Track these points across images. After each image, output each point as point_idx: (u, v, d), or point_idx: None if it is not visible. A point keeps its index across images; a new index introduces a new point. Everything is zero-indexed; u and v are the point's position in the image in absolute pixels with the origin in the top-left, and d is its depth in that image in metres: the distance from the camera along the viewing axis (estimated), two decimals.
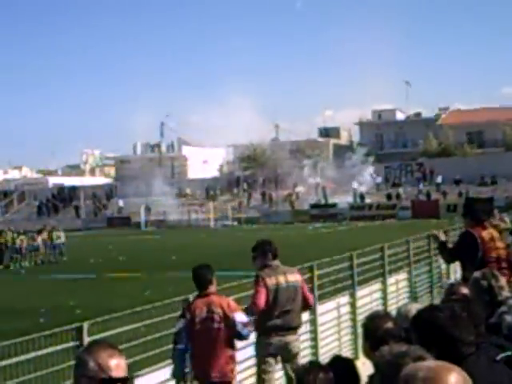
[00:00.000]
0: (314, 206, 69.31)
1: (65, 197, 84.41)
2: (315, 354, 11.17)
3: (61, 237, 39.29)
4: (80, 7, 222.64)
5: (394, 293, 14.87)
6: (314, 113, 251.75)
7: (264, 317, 8.42)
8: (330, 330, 12.00)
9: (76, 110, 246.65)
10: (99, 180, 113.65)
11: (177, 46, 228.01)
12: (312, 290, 10.84)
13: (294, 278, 8.75)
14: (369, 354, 4.10)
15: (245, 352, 8.94)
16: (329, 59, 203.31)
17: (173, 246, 44.98)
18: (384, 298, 14.08)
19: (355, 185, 70.13)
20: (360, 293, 13.07)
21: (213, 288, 7.91)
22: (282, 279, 8.55)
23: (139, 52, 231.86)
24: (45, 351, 6.99)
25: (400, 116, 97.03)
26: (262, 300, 8.37)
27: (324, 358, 10.44)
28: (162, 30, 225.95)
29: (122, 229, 66.24)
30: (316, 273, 11.32)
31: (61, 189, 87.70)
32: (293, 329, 8.75)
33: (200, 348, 7.74)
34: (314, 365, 3.77)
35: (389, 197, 67.98)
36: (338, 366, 3.95)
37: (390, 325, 4.31)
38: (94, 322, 7.41)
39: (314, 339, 11.30)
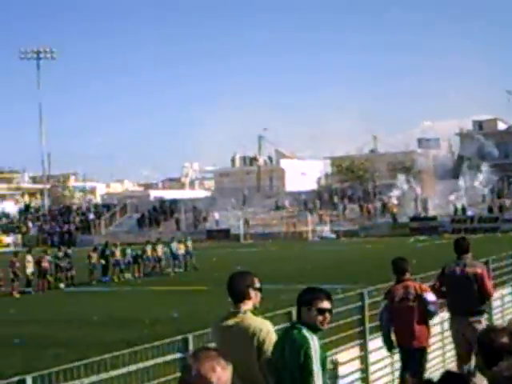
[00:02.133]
0: (413, 219, 68.34)
1: (165, 209, 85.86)
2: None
3: (188, 246, 40.63)
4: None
5: (499, 307, 14.52)
6: (413, 124, 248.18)
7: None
8: (435, 344, 11.78)
9: (175, 123, 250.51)
10: (199, 193, 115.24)
11: (277, 62, 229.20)
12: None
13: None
14: (483, 369, 4.02)
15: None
16: (427, 69, 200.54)
17: (272, 257, 45.24)
18: (489, 313, 13.76)
19: (453, 197, 68.80)
20: None
21: (408, 275, 9.75)
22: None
23: (236, 66, 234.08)
24: (152, 362, 7.11)
25: (502, 126, 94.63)
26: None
27: (430, 372, 10.28)
28: (255, 44, 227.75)
29: (221, 241, 66.89)
30: None
31: (162, 202, 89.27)
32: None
33: (400, 322, 9.52)
34: (426, 381, 3.73)
35: (490, 210, 66.37)
36: (450, 382, 3.90)
37: (505, 339, 4.21)
38: (198, 334, 7.53)
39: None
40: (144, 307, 24.11)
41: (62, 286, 33.49)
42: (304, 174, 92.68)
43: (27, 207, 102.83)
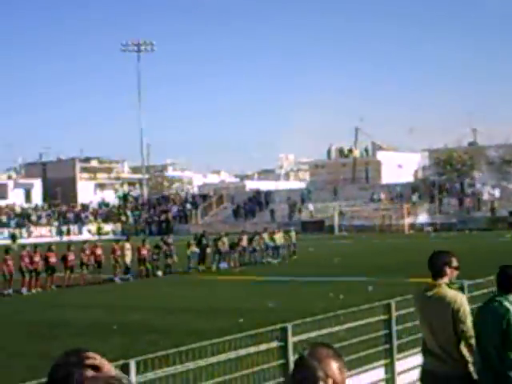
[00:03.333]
0: None
1: (260, 200, 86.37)
2: None
3: (290, 237, 41.09)
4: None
5: None
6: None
7: None
8: None
9: (271, 115, 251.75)
10: (294, 184, 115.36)
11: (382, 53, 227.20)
12: None
13: None
14: None
15: None
16: None
17: (367, 250, 44.98)
18: None
19: None
20: None
21: None
22: None
23: (331, 56, 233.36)
24: (251, 350, 7.17)
25: None
26: None
27: None
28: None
29: (315, 233, 66.86)
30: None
31: (257, 193, 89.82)
32: None
33: None
34: None
35: None
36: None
37: None
38: (297, 324, 7.58)
39: None
40: (240, 297, 24.33)
41: (159, 273, 34.14)
42: (401, 167, 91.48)
43: (126, 196, 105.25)
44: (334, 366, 3.05)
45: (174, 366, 6.77)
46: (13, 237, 68.01)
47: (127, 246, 34.26)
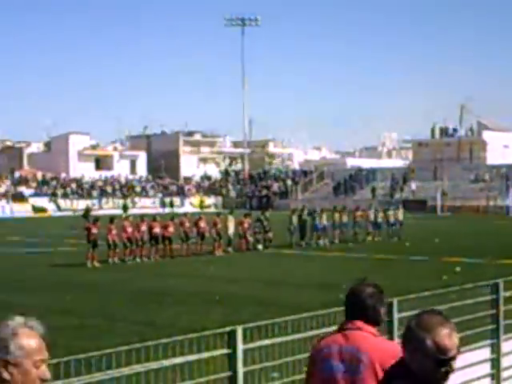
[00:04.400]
0: None
1: (361, 178, 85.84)
2: None
3: (398, 216, 40.47)
4: None
5: None
6: None
7: None
8: None
9: (373, 92, 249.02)
10: (396, 162, 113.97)
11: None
12: None
13: None
14: None
15: None
16: None
17: (470, 231, 44.29)
18: None
19: None
20: None
21: None
22: None
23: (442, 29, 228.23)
24: None
25: None
26: None
27: None
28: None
29: (417, 212, 66.02)
30: None
31: (358, 170, 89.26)
32: None
33: None
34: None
35: None
36: None
37: None
38: (403, 299, 7.58)
39: None
40: (340, 272, 24.34)
41: (259, 247, 34.48)
42: (507, 147, 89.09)
43: (228, 171, 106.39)
44: (442, 333, 3.06)
45: (288, 335, 6.89)
46: (124, 207, 69.96)
47: (230, 218, 34.73)
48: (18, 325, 2.76)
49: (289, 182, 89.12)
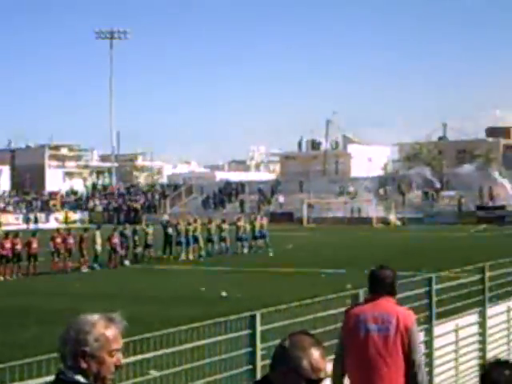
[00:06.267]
0: (480, 208, 67.30)
1: (230, 191, 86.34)
2: (483, 356, 10.88)
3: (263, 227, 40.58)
4: None
5: None
6: (483, 112, 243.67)
7: None
8: (499, 333, 11.63)
9: (242, 106, 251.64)
10: (264, 176, 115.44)
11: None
12: (482, 292, 10.64)
13: None
14: None
15: None
16: (499, 58, 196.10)
17: (335, 242, 45.24)
18: None
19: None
20: None
21: None
22: None
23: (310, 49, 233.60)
24: (218, 338, 7.17)
25: None
26: None
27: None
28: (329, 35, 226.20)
29: (285, 224, 66.95)
30: (487, 275, 11.04)
31: (227, 183, 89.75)
32: None
33: None
34: (500, 362, 3.62)
35: None
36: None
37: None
38: (265, 312, 7.57)
39: (483, 342, 11.00)
40: (206, 286, 24.29)
41: (126, 262, 34.01)
42: (370, 160, 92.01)
43: (95, 185, 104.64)
44: (316, 353, 3.06)
45: (148, 353, 6.74)
46: None
47: (97, 234, 34.01)
48: (97, 318, 3.12)
49: (157, 196, 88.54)
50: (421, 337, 9.51)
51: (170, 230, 36.98)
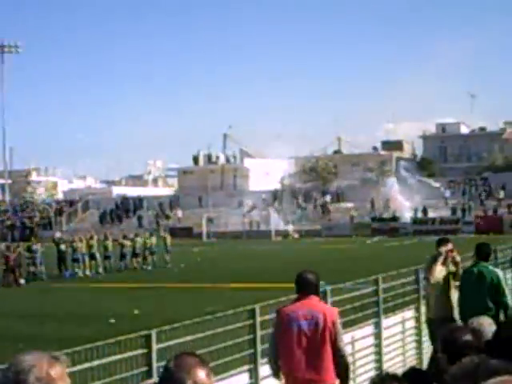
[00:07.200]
0: (375, 220, 68.87)
1: (128, 207, 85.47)
2: (379, 367, 11.09)
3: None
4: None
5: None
6: (376, 126, 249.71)
7: None
8: (394, 344, 11.89)
9: (139, 120, 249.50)
10: (162, 191, 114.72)
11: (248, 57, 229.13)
12: (377, 304, 10.84)
13: None
14: (446, 366, 4.02)
15: None
16: (391, 72, 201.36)
17: (235, 256, 45.37)
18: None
19: (417, 199, 69.33)
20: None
21: None
22: None
23: (205, 61, 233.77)
24: (114, 358, 7.04)
25: (464, 129, 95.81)
26: None
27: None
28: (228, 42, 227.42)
29: (184, 239, 66.71)
30: (381, 286, 11.26)
31: (124, 199, 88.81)
32: None
33: None
34: (389, 376, 3.72)
35: (453, 211, 67.25)
36: (414, 378, 3.88)
37: (469, 337, 4.26)
38: (161, 331, 7.50)
39: (379, 353, 11.21)
40: (105, 304, 23.94)
41: (22, 281, 33.14)
42: (268, 174, 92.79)
43: None
44: (201, 374, 3.03)
45: None
46: None
47: None
48: (36, 357, 2.83)
49: (52, 212, 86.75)
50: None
51: (62, 247, 36.35)
